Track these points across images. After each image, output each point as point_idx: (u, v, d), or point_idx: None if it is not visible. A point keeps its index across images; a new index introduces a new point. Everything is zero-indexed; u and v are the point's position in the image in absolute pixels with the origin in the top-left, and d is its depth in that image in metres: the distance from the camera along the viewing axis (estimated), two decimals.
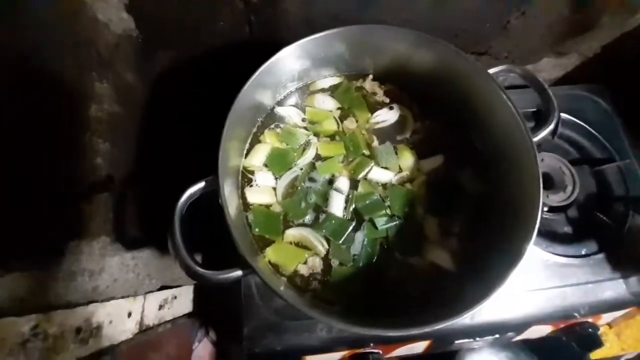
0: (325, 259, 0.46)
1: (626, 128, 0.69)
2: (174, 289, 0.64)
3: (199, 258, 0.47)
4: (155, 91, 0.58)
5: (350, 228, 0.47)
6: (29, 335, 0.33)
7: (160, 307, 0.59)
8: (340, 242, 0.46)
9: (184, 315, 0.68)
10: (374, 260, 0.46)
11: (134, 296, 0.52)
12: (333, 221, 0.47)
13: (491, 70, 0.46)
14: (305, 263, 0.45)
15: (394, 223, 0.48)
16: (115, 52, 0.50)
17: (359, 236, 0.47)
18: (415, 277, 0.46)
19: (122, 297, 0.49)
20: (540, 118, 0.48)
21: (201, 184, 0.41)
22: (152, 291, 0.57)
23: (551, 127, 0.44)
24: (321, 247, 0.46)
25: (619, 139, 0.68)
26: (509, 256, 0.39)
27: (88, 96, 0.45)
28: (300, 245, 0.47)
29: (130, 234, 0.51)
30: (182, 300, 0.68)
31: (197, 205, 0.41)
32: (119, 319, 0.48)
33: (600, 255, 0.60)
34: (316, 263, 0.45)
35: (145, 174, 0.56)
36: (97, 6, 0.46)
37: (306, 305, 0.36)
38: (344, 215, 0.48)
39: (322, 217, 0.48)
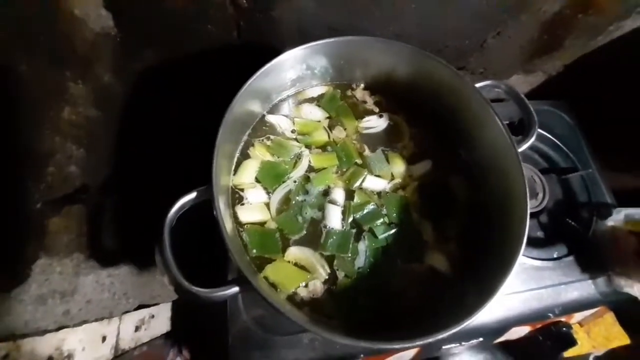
0: (327, 282, 0.45)
1: (587, 140, 0.75)
2: (151, 308, 0.59)
3: None
4: (135, 94, 0.54)
5: (352, 238, 0.47)
6: None
7: (137, 328, 0.54)
8: (348, 254, 0.46)
9: (161, 336, 0.63)
10: (377, 270, 0.46)
11: (109, 318, 0.47)
12: (335, 236, 0.46)
13: (478, 85, 0.48)
14: (306, 286, 0.44)
15: (393, 231, 0.48)
16: (92, 50, 0.46)
17: (361, 247, 0.47)
18: (415, 284, 0.46)
19: (96, 320, 0.44)
20: (516, 130, 0.51)
21: (192, 195, 0.38)
22: (128, 311, 0.52)
23: (532, 139, 0.47)
24: (322, 270, 0.45)
25: (581, 150, 0.74)
26: (501, 265, 0.40)
27: (61, 97, 0.41)
28: (299, 265, 0.45)
29: (106, 249, 0.47)
30: (160, 319, 0.63)
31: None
32: (93, 344, 0.43)
33: (570, 258, 0.64)
34: (317, 288, 0.44)
35: (123, 183, 0.51)
36: (74, 0, 0.42)
37: (308, 322, 0.35)
38: (343, 227, 0.48)
39: (322, 230, 0.47)
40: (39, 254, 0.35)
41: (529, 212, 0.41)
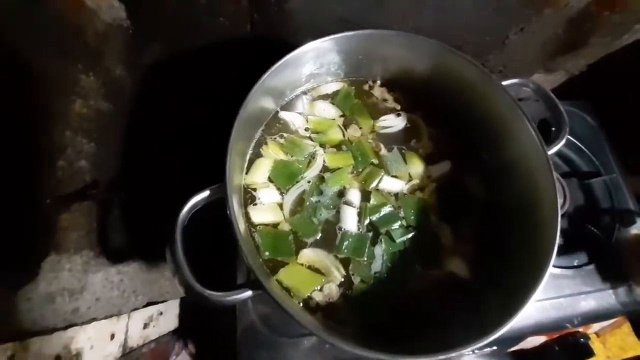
0: (342, 286, 0.44)
1: (610, 143, 0.72)
2: (159, 305, 0.58)
3: None
4: (146, 87, 0.53)
5: (369, 242, 0.45)
6: None
7: (145, 325, 0.53)
8: (364, 258, 0.44)
9: (169, 333, 0.62)
10: (395, 275, 0.44)
11: (118, 315, 0.46)
12: (350, 239, 0.45)
13: (504, 83, 0.46)
14: (321, 290, 0.43)
15: (411, 234, 0.47)
16: (104, 42, 0.45)
17: (378, 251, 0.45)
18: (433, 290, 0.44)
19: (105, 318, 0.43)
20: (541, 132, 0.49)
21: (205, 193, 0.37)
22: (137, 308, 0.51)
23: (563, 141, 0.44)
24: (337, 273, 0.43)
25: (605, 154, 0.71)
26: (526, 276, 0.38)
27: (72, 90, 0.40)
28: (313, 268, 0.44)
29: (115, 245, 0.46)
30: (168, 316, 0.62)
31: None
32: (101, 342, 0.42)
33: (591, 266, 0.62)
34: (333, 291, 0.42)
35: (133, 178, 0.50)
36: None
37: (323, 331, 0.33)
38: (359, 230, 0.46)
39: (338, 233, 0.46)
40: (49, 251, 0.34)
41: (560, 221, 0.38)
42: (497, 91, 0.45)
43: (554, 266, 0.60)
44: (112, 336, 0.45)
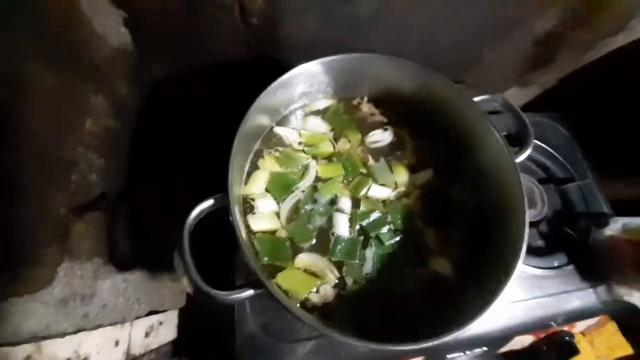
0: (337, 287, 0.47)
1: (582, 151, 0.78)
2: (159, 315, 0.60)
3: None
4: (149, 106, 0.56)
5: (360, 245, 0.48)
6: None
7: (147, 334, 0.55)
8: (356, 261, 0.47)
9: (168, 343, 0.63)
10: (384, 275, 0.48)
11: (122, 323, 0.48)
12: (343, 243, 0.48)
13: (476, 99, 0.51)
14: (317, 292, 0.46)
15: (398, 237, 0.50)
16: (111, 65, 0.49)
17: (369, 253, 0.49)
18: (421, 290, 0.47)
19: (110, 324, 0.45)
20: (513, 141, 0.54)
21: (210, 202, 0.40)
22: (139, 316, 0.53)
23: (529, 150, 0.49)
24: (332, 275, 0.46)
25: (578, 161, 0.76)
26: (502, 272, 0.42)
27: (84, 109, 0.43)
28: (309, 271, 0.47)
29: (122, 254, 0.48)
30: (168, 326, 0.63)
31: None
32: (107, 348, 0.44)
33: (570, 267, 0.65)
34: (328, 292, 0.45)
35: (137, 191, 0.53)
36: (95, 18, 0.45)
37: (322, 325, 0.36)
38: (350, 234, 0.50)
39: (331, 238, 0.49)
40: (63, 258, 0.37)
41: (527, 221, 0.42)
42: (470, 106, 0.50)
43: (536, 267, 0.65)
44: (117, 343, 0.46)
